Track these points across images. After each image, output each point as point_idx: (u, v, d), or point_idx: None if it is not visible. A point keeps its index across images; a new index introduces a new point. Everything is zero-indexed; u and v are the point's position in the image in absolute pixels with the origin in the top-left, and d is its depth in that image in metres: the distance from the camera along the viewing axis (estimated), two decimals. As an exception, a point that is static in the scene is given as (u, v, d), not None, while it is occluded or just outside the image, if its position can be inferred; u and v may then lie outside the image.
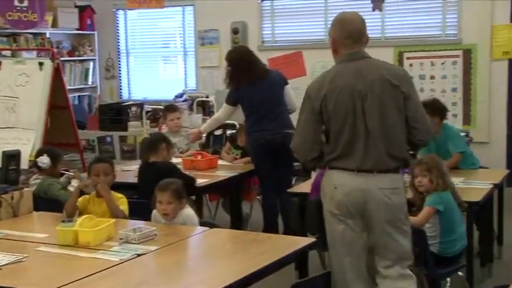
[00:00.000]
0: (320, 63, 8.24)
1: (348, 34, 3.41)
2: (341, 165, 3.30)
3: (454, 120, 7.59)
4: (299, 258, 3.28)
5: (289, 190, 4.84)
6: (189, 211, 3.76)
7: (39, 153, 4.86)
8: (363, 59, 3.45)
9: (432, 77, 7.77)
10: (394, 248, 3.30)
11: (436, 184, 3.85)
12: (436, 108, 4.95)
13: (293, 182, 6.48)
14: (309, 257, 3.33)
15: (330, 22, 5.90)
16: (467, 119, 7.63)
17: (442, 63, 7.69)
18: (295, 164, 6.43)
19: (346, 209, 3.29)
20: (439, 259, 3.79)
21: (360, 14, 3.44)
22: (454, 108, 7.67)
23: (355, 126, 3.27)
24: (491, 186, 4.48)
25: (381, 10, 7.76)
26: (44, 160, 4.73)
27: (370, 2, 7.76)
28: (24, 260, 3.06)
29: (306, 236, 3.96)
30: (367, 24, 3.48)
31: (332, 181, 3.34)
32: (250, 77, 5.42)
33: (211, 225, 3.73)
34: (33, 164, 4.84)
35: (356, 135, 3.27)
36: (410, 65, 7.84)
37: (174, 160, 5.52)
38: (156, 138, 4.98)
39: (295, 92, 8.17)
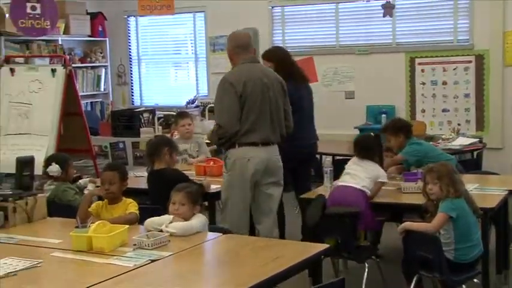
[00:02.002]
0: (331, 68, 8.26)
1: (238, 44, 4.59)
2: (249, 140, 4.42)
3: (467, 126, 7.58)
4: (313, 264, 3.27)
5: (304, 196, 4.80)
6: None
7: (47, 162, 4.89)
8: (259, 62, 4.78)
9: (444, 83, 7.75)
10: (274, 200, 4.59)
11: (447, 192, 3.82)
12: (397, 128, 5.18)
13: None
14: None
15: (342, 28, 6.04)
16: (480, 125, 7.60)
17: (454, 69, 7.68)
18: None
19: (256, 176, 4.44)
20: (455, 266, 3.76)
21: (371, 19, 3.80)
22: (466, 114, 7.66)
23: (262, 108, 4.45)
24: (506, 192, 4.45)
25: (391, 16, 7.76)
26: (54, 169, 4.77)
27: (381, 8, 7.77)
28: (39, 265, 3.06)
29: (322, 242, 3.96)
30: (377, 30, 3.86)
31: (244, 155, 4.42)
32: (295, 78, 5.33)
33: (224, 231, 3.73)
34: (44, 174, 4.86)
35: (262, 116, 4.45)
36: (422, 70, 7.83)
37: (187, 167, 5.54)
38: (158, 143, 4.87)
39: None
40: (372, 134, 4.86)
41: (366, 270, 4.31)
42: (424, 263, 3.85)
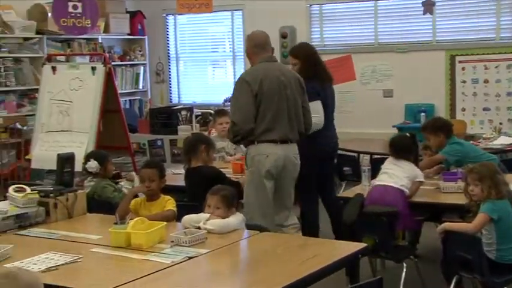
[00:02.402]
0: (369, 66, 8.19)
1: (256, 44, 4.69)
2: (268, 138, 4.48)
3: (509, 125, 7.44)
4: (350, 263, 3.25)
5: (340, 195, 4.79)
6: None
7: (87, 159, 4.96)
8: (276, 61, 4.85)
9: (486, 81, 7.62)
10: (290, 196, 4.69)
11: (488, 193, 3.74)
12: (437, 127, 5.06)
13: (343, 187, 6.46)
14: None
15: (380, 25, 5.91)
16: (524, 124, 7.45)
17: (496, 67, 7.54)
18: (346, 168, 6.42)
19: (274, 172, 4.50)
20: (497, 266, 3.69)
21: (410, 17, 3.78)
22: (509, 113, 7.51)
23: (280, 106, 4.51)
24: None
25: (431, 13, 7.65)
26: (92, 165, 4.83)
27: (420, 5, 7.67)
28: (79, 260, 3.11)
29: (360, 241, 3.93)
30: (417, 28, 3.80)
31: (263, 151, 4.50)
32: (322, 77, 5.32)
33: (261, 229, 3.73)
34: (84, 170, 4.92)
35: (280, 114, 4.50)
36: (463, 68, 7.71)
37: (224, 164, 5.56)
38: (194, 140, 4.90)
39: (345, 96, 8.17)
40: (407, 134, 4.80)
41: (404, 270, 4.27)
42: (464, 264, 3.79)
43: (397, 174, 4.41)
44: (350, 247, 3.32)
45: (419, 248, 5.04)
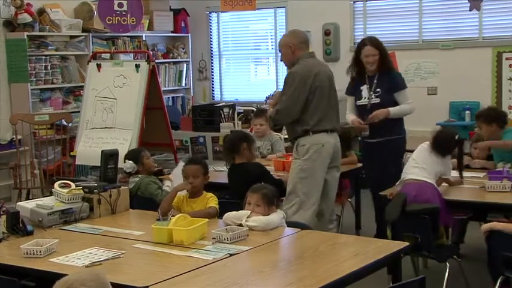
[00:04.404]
0: (413, 64, 8.08)
1: (302, 40, 4.93)
2: (322, 128, 4.75)
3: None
4: (392, 262, 3.22)
5: (382, 193, 4.74)
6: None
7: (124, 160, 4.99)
8: (316, 57, 5.08)
9: (533, 79, 7.45)
10: (335, 183, 4.94)
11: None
12: (491, 117, 5.03)
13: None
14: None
15: (425, 22, 5.88)
16: None
17: (544, 64, 7.36)
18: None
19: (328, 160, 4.77)
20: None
21: (456, 13, 3.91)
22: (558, 112, 7.33)
23: (330, 99, 4.84)
24: None
25: (478, 9, 7.51)
26: (127, 165, 4.85)
27: (467, 1, 7.53)
28: (121, 256, 3.16)
29: (401, 239, 3.89)
30: (463, 25, 3.87)
31: (319, 141, 4.74)
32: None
33: (302, 227, 3.73)
34: (123, 171, 4.95)
35: (330, 106, 4.83)
36: (510, 65, 7.54)
37: (265, 162, 5.55)
38: (235, 139, 4.93)
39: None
40: (458, 136, 4.66)
41: (447, 269, 4.21)
42: (509, 264, 3.71)
43: (426, 168, 4.35)
44: (392, 246, 3.30)
45: (464, 247, 4.96)
